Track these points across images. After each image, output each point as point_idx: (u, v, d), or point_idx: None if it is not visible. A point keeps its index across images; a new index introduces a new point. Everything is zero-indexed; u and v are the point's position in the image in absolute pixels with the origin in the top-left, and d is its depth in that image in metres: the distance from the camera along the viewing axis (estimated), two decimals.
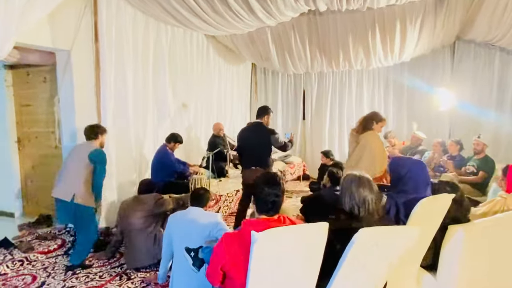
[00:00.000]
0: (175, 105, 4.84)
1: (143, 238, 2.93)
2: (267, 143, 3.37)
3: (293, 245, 1.37)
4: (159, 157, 3.93)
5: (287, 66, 6.06)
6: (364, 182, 1.61)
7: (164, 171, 3.89)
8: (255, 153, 3.41)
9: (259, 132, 3.41)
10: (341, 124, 6.61)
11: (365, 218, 1.60)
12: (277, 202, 1.52)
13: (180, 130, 5.01)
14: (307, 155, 7.10)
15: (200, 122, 5.55)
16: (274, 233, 1.35)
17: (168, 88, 4.65)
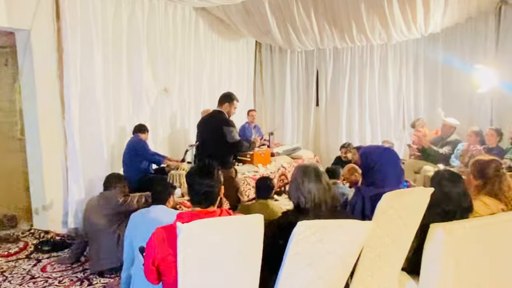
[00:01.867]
0: (156, 90, 5.08)
1: (106, 238, 3.19)
2: (223, 136, 3.43)
3: (224, 238, 1.52)
4: (131, 146, 4.14)
5: (292, 41, 6.17)
6: (309, 171, 1.75)
7: (137, 162, 4.13)
8: (210, 149, 3.53)
9: (214, 122, 3.52)
10: (362, 110, 6.68)
11: (312, 211, 1.73)
12: (210, 193, 1.70)
13: (162, 119, 5.26)
14: (321, 148, 7.23)
15: (187, 109, 5.77)
16: (201, 225, 1.51)
17: (146, 71, 4.90)
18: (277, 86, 7.43)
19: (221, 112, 3.56)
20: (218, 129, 3.47)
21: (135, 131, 4.27)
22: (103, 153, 4.20)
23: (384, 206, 1.83)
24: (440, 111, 5.43)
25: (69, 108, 3.82)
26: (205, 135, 3.63)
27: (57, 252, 3.72)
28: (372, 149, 2.15)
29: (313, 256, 1.63)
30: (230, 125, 3.48)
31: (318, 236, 1.60)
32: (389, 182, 2.01)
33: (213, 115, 3.63)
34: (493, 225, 2.05)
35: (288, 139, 7.27)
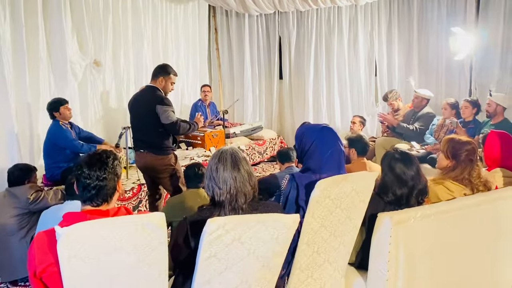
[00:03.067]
0: (84, 64, 4.87)
1: (16, 243, 3.04)
2: (156, 116, 3.30)
3: (117, 243, 1.42)
4: (50, 138, 3.99)
5: (246, 3, 6.00)
6: (225, 157, 1.67)
7: (58, 152, 3.96)
8: (142, 131, 3.41)
9: (146, 101, 3.36)
10: (330, 83, 6.65)
11: (228, 204, 1.65)
12: (103, 188, 1.59)
13: (94, 98, 5.06)
14: (286, 127, 7.22)
15: (125, 86, 5.59)
16: (87, 227, 1.41)
17: (71, 40, 4.68)
18: (236, 57, 7.29)
19: (155, 88, 3.40)
20: (150, 108, 3.30)
21: (50, 115, 4.01)
22: (12, 140, 4.01)
23: (318, 195, 1.77)
24: (410, 81, 5.45)
25: None
26: (136, 116, 3.47)
27: None
28: (307, 128, 2.07)
29: (231, 258, 1.57)
30: (165, 103, 3.31)
31: (235, 235, 1.53)
32: (326, 167, 1.95)
33: (145, 91, 3.46)
34: (449, 213, 2.03)
35: (248, 117, 7.22)
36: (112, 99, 5.43)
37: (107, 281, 1.47)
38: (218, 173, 1.66)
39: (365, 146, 3.37)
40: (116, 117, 5.48)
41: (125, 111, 5.42)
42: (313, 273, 1.94)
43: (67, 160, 4.00)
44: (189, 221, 1.65)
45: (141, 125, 3.42)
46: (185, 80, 6.74)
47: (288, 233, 1.60)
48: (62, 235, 1.37)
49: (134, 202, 3.99)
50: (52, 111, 3.96)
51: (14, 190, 3.11)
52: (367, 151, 3.42)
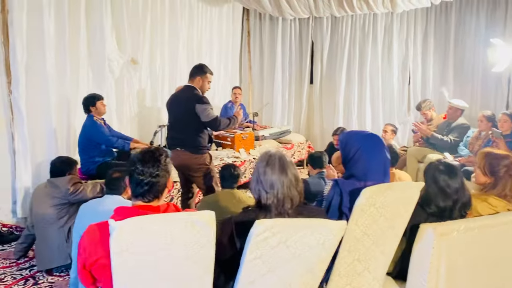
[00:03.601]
0: (121, 62, 4.96)
1: (54, 232, 3.12)
2: (194, 116, 3.36)
3: (167, 239, 1.45)
4: (85, 132, 4.05)
5: (282, 6, 6.02)
6: (273, 161, 1.68)
7: (93, 147, 4.02)
8: (179, 130, 3.47)
9: (184, 100, 3.43)
10: (362, 89, 6.62)
11: (275, 208, 1.66)
12: (155, 184, 1.61)
13: (129, 96, 5.17)
14: (314, 132, 7.22)
15: (160, 85, 5.66)
16: (138, 223, 1.44)
17: (110, 39, 4.76)
18: (267, 60, 7.33)
19: (193, 88, 3.47)
20: (189, 107, 3.37)
21: (86, 109, 4.06)
22: (53, 134, 4.10)
23: (363, 203, 1.77)
24: (444, 91, 5.37)
25: (18, 81, 3.70)
26: (174, 115, 3.55)
27: (3, 245, 3.68)
28: (352, 134, 2.07)
29: (275, 261, 1.57)
30: (204, 102, 3.38)
31: (281, 238, 1.54)
32: (372, 174, 1.94)
33: (184, 91, 3.54)
34: (493, 227, 1.99)
35: (277, 121, 7.24)
36: (147, 97, 5.50)
37: (155, 276, 1.49)
38: (265, 177, 1.67)
39: (395, 156, 3.33)
40: (150, 115, 5.55)
41: (158, 110, 5.57)
42: (352, 281, 1.93)
43: (102, 155, 4.07)
44: (234, 221, 1.66)
45: (179, 123, 3.48)
46: (217, 81, 6.77)
47: (334, 239, 1.60)
48: (116, 228, 1.40)
49: (166, 199, 3.99)
50: (89, 106, 4.03)
51: (56, 181, 3.19)
52: (396, 161, 3.38)
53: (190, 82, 3.51)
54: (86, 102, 4.05)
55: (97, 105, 4.05)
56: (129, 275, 1.47)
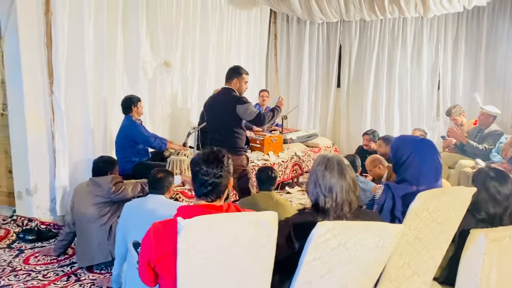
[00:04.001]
0: (155, 64, 5.05)
1: (96, 230, 3.21)
2: (233, 118, 3.45)
3: (231, 238, 1.49)
4: (124, 132, 4.12)
5: (313, 10, 6.05)
6: (332, 165, 1.71)
7: (131, 147, 4.10)
8: (219, 132, 3.54)
9: (224, 101, 3.51)
10: (391, 94, 6.62)
11: (333, 212, 1.69)
12: (218, 185, 1.66)
13: (162, 97, 5.26)
14: (340, 136, 7.23)
15: (190, 87, 5.75)
16: (206, 221, 1.48)
17: (145, 42, 4.86)
18: (293, 63, 7.37)
19: (230, 90, 3.56)
20: (228, 109, 3.46)
21: (126, 109, 4.15)
22: (91, 133, 4.19)
23: (417, 207, 1.79)
24: (476, 97, 5.32)
25: (59, 81, 3.80)
26: (213, 116, 3.63)
27: (42, 242, 3.77)
28: (405, 139, 2.10)
29: (334, 262, 1.60)
30: (244, 101, 3.46)
31: (341, 239, 1.56)
32: (424, 179, 1.96)
33: (222, 93, 3.63)
34: None
35: (303, 124, 7.27)
36: (178, 99, 5.59)
37: (218, 274, 1.54)
38: (324, 180, 1.70)
39: None
40: (181, 117, 5.64)
41: (188, 112, 5.66)
42: (401, 284, 1.94)
43: (138, 155, 4.15)
44: (292, 223, 1.69)
45: (218, 125, 3.56)
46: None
47: (393, 243, 1.61)
48: (185, 226, 1.45)
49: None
50: (131, 105, 4.11)
51: (98, 180, 3.28)
52: None
53: (227, 85, 3.60)
54: (128, 102, 4.13)
55: (138, 105, 4.15)
56: (193, 272, 1.51)
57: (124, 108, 4.16)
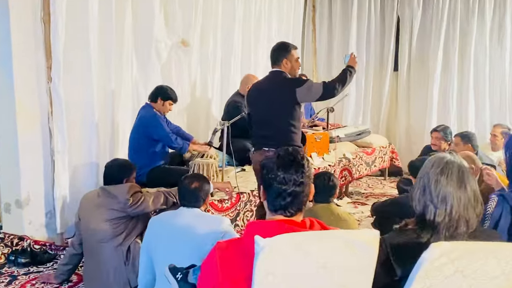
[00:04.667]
0: (170, 43, 5.10)
1: (110, 252, 3.20)
2: (289, 107, 3.49)
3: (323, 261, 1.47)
4: (141, 126, 4.17)
5: None
6: (451, 170, 1.69)
7: (147, 146, 4.14)
8: (268, 126, 3.56)
9: (275, 88, 3.55)
10: (464, 79, 6.59)
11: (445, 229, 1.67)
12: (299, 195, 1.64)
13: (178, 83, 5.28)
14: (398, 132, 7.23)
15: (211, 72, 5.79)
16: (291, 240, 1.46)
17: (158, 17, 4.89)
18: (337, 42, 7.38)
19: (281, 73, 3.58)
20: (284, 97, 3.50)
21: (150, 97, 4.28)
22: (96, 130, 4.23)
23: None
24: None
25: (59, 65, 3.83)
26: (261, 108, 3.64)
27: (38, 266, 3.80)
28: None
29: None
30: (303, 81, 3.50)
31: (459, 265, 1.53)
32: None
33: (270, 79, 3.66)
34: None
35: (349, 118, 7.28)
36: (197, 87, 5.64)
37: None
38: (437, 187, 1.67)
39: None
40: (199, 108, 5.70)
41: (208, 103, 5.74)
42: None
43: (156, 158, 4.22)
44: (390, 244, 1.67)
45: (267, 118, 3.58)
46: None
47: None
48: (265, 247, 1.43)
49: (231, 214, 4.10)
50: (158, 96, 4.25)
51: (112, 189, 3.27)
52: None
53: (276, 67, 3.61)
54: (158, 91, 4.30)
55: (166, 103, 4.30)
56: None
57: (151, 93, 4.31)
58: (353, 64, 3.65)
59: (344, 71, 3.59)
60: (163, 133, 4.17)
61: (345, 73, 3.57)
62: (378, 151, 6.38)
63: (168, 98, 4.30)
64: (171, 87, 4.42)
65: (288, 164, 1.66)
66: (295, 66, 3.61)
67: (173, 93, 4.36)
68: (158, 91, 4.30)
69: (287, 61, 3.56)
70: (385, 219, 3.70)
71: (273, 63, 3.64)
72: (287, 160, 1.67)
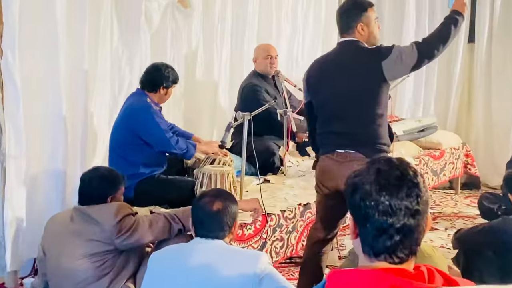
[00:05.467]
0: (164, 3, 5.08)
1: None
2: (374, 87, 3.41)
3: None
4: (130, 118, 4.14)
5: None
6: None
7: (137, 151, 4.12)
8: (346, 115, 3.49)
9: (350, 64, 3.48)
10: None
11: None
12: (413, 231, 1.52)
13: (173, 61, 5.26)
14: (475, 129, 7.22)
15: (218, 44, 5.78)
16: None
17: None
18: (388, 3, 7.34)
19: (357, 42, 3.48)
20: (366, 74, 3.40)
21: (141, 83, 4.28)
22: (61, 127, 4.18)
23: None
24: None
25: (13, 36, 3.76)
26: (331, 93, 3.55)
27: None
28: None
29: None
30: (389, 48, 3.36)
31: None
32: None
33: (341, 53, 3.57)
34: None
35: (405, 108, 7.30)
36: (199, 64, 5.67)
37: None
38: None
39: None
40: (200, 95, 5.71)
41: (215, 87, 5.82)
42: None
43: (147, 164, 4.17)
44: None
45: (343, 107, 3.49)
46: (301, 41, 6.91)
47: None
48: None
49: (255, 245, 4.03)
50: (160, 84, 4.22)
51: (93, 211, 3.15)
52: None
53: (345, 35, 3.51)
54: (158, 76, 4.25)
55: (169, 90, 4.31)
56: None
57: (146, 82, 4.27)
58: (460, 8, 3.51)
59: (446, 21, 3.46)
60: (159, 133, 4.12)
61: (447, 24, 3.44)
62: (448, 155, 6.40)
63: (173, 83, 4.30)
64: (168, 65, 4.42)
65: (395, 184, 1.51)
66: (375, 31, 3.50)
67: (174, 73, 4.34)
68: (157, 76, 4.25)
69: (363, 26, 3.44)
70: (475, 253, 3.66)
71: (342, 31, 3.55)
72: (394, 177, 1.51)
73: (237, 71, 5.91)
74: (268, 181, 4.84)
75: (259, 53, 5.48)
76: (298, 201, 4.51)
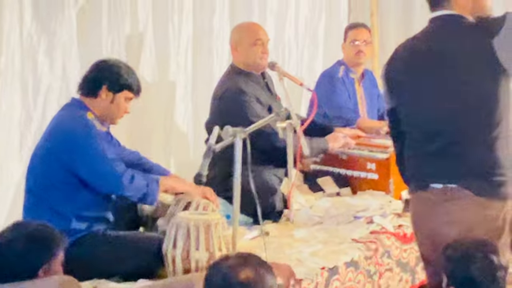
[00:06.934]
0: None
1: None
2: (488, 82, 3.40)
3: None
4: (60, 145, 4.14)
5: None
6: None
7: (70, 192, 4.12)
8: (445, 131, 3.52)
9: (451, 49, 3.51)
10: None
11: None
12: None
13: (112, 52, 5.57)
14: None
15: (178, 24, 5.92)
16: None
17: None
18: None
19: (459, 17, 3.54)
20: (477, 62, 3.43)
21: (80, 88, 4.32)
22: None
23: None
24: None
25: None
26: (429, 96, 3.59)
27: None
28: None
29: None
30: (498, 23, 3.39)
31: None
32: None
33: (441, 33, 3.64)
34: None
35: None
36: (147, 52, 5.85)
37: None
38: None
39: None
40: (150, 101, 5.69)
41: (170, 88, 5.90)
42: None
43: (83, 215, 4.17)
44: None
45: (444, 117, 3.47)
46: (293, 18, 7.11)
47: None
48: None
49: None
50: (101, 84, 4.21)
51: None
52: None
53: (442, 10, 3.51)
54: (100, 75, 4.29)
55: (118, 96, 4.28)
56: None
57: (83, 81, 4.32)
58: None
59: None
60: (103, 166, 4.14)
61: None
62: None
63: (123, 87, 4.29)
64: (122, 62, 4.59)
65: None
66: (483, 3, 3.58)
67: (132, 75, 4.38)
68: (99, 71, 4.31)
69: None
70: None
71: (434, 3, 3.59)
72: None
73: (205, 64, 6.02)
74: (267, 234, 4.73)
75: (242, 37, 5.48)
76: (320, 263, 4.44)
